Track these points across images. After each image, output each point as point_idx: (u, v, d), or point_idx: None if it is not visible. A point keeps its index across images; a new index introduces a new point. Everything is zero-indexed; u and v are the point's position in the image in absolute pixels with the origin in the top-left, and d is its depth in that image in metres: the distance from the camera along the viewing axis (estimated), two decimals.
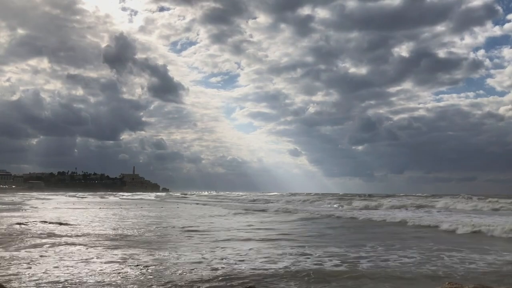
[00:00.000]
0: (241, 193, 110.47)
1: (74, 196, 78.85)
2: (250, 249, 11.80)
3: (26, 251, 10.75)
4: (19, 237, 13.50)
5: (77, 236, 14.17)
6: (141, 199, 66.18)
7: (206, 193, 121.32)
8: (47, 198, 60.40)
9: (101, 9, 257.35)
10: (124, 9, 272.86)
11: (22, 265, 8.94)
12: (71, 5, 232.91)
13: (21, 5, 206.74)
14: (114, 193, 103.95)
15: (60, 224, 18.04)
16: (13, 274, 8.05)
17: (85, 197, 69.50)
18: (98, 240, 13.16)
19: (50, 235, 14.25)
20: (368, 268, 9.33)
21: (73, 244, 12.22)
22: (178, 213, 29.03)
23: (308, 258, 10.48)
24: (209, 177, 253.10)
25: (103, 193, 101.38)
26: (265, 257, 10.42)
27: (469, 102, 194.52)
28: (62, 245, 12.01)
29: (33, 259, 9.64)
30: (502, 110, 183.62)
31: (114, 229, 16.58)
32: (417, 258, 10.58)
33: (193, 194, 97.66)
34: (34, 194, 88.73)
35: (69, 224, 18.04)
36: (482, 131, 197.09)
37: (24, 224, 17.39)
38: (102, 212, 28.03)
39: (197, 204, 48.12)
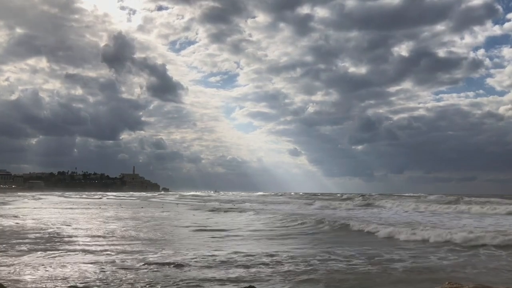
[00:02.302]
0: (234, 193, 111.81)
1: (62, 195, 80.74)
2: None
3: None
4: None
5: None
6: (117, 198, 67.22)
7: (192, 193, 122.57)
8: (41, 198, 61.83)
9: (100, 8, 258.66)
10: (122, 8, 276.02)
11: None
12: (69, 4, 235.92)
13: (20, 4, 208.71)
14: (102, 193, 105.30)
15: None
16: None
17: (71, 197, 70.66)
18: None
19: None
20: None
21: None
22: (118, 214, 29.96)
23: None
24: (209, 177, 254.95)
25: (93, 193, 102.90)
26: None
27: (469, 101, 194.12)
28: None
29: None
30: (502, 109, 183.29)
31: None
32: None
33: (176, 194, 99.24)
34: (28, 194, 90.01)
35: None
36: (482, 131, 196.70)
37: None
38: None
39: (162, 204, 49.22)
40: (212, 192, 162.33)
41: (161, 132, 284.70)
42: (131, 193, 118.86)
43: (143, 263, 9.51)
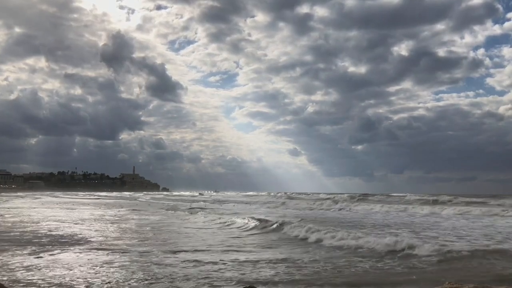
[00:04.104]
0: (228, 193, 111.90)
1: (51, 195, 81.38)
2: None
3: None
4: None
5: None
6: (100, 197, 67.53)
7: (182, 192, 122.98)
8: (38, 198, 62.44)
9: (98, 8, 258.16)
10: (121, 7, 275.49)
11: None
12: (68, 3, 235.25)
13: (18, 4, 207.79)
14: (91, 193, 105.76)
15: None
16: None
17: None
18: None
19: None
20: None
21: None
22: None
23: None
24: (209, 176, 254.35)
25: (82, 193, 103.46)
26: None
27: (469, 101, 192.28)
28: None
29: None
30: (501, 109, 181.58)
31: None
32: None
33: (160, 194, 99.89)
34: (22, 194, 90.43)
35: None
36: (482, 131, 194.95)
37: None
38: None
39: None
40: (212, 192, 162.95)
41: (161, 132, 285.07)
42: (124, 193, 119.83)
43: None
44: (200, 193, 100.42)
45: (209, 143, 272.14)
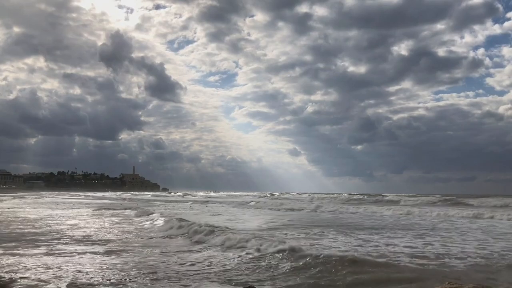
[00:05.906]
0: (225, 193, 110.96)
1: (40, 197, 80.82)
2: None
3: None
4: None
5: None
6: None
7: (179, 193, 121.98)
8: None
9: (97, 7, 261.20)
10: (120, 6, 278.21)
11: None
12: (66, 3, 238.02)
13: (17, 3, 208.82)
14: (85, 193, 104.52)
15: None
16: None
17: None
18: None
19: None
20: None
21: None
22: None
23: None
24: (209, 176, 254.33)
25: (74, 193, 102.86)
26: None
27: (468, 101, 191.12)
28: None
29: None
30: (501, 109, 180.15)
31: None
32: None
33: (148, 194, 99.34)
34: (14, 194, 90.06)
35: None
36: (481, 131, 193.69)
37: None
38: None
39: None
40: (212, 192, 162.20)
41: (160, 132, 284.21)
42: (118, 192, 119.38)
43: None
44: (184, 194, 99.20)
45: (209, 143, 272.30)
